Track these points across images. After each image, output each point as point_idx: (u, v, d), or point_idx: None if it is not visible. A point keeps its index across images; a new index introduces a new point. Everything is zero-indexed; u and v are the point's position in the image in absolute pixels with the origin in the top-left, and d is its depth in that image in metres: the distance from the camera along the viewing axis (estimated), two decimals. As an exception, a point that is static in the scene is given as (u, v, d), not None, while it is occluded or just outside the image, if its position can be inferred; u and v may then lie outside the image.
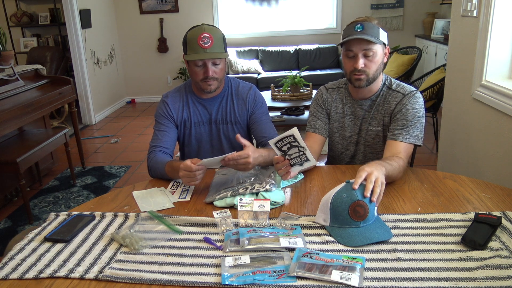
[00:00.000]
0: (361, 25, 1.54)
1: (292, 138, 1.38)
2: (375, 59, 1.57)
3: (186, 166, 1.42)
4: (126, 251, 1.16)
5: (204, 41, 1.64)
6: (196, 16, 6.27)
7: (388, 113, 1.65)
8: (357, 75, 1.58)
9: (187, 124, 1.84)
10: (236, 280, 1.00)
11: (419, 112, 1.59)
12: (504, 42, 2.09)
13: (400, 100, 1.62)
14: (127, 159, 4.16)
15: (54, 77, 3.75)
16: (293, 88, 4.45)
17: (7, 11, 5.69)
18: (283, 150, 1.42)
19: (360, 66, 1.56)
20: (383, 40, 1.57)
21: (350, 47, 1.57)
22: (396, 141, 1.56)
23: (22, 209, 3.08)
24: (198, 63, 1.67)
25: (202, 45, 1.64)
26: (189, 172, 1.42)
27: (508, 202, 1.32)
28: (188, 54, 1.69)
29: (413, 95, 1.61)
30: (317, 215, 1.26)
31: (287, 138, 1.39)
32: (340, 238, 1.16)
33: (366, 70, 1.57)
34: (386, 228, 1.18)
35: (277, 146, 1.42)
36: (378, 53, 1.57)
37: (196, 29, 1.68)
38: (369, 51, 1.55)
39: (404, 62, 4.74)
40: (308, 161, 1.42)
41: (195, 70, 1.69)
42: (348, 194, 1.19)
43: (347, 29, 1.58)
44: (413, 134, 1.57)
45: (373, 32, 1.54)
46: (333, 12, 6.26)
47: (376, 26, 1.56)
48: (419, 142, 1.58)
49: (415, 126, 1.57)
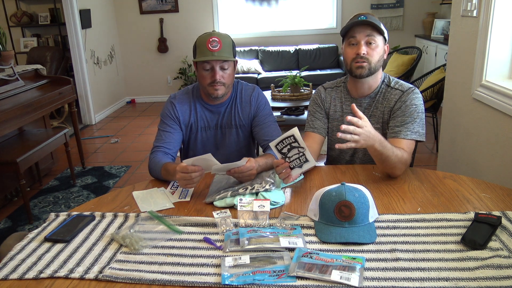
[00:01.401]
0: (365, 16, 1.58)
1: (292, 138, 1.38)
2: (377, 48, 1.59)
3: (182, 167, 1.40)
4: (126, 251, 1.16)
5: (212, 45, 1.65)
6: (196, 16, 6.27)
7: (387, 111, 1.65)
8: (359, 62, 1.59)
9: (194, 129, 1.84)
10: (236, 280, 1.00)
11: (419, 108, 1.60)
12: (504, 42, 2.09)
13: (399, 97, 1.63)
14: (127, 159, 4.16)
15: (54, 77, 3.75)
16: (293, 88, 4.45)
17: (7, 11, 5.69)
18: (283, 152, 1.42)
19: (363, 52, 1.57)
20: (384, 32, 1.60)
21: (353, 33, 1.59)
22: (397, 139, 1.56)
23: (22, 209, 3.08)
24: (206, 67, 1.68)
25: (210, 48, 1.65)
26: (185, 173, 1.40)
27: (508, 202, 1.32)
28: (197, 57, 1.69)
29: (412, 92, 1.62)
30: (309, 210, 1.28)
31: (288, 139, 1.39)
32: (319, 233, 1.18)
33: (369, 58, 1.58)
34: (372, 233, 1.16)
35: (278, 149, 1.43)
36: (379, 45, 1.60)
37: (206, 34, 1.69)
38: (372, 39, 1.57)
39: (404, 62, 4.73)
40: (307, 162, 1.42)
41: (203, 74, 1.69)
42: (337, 193, 1.20)
43: (351, 20, 1.62)
44: (413, 130, 1.57)
45: (375, 22, 1.58)
46: (333, 12, 6.26)
47: (378, 20, 1.60)
48: (421, 137, 1.58)
49: (415, 121, 1.58)
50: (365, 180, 1.52)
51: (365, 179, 1.53)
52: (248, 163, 1.45)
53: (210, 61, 1.66)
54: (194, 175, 1.40)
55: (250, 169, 1.45)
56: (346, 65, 1.66)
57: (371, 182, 1.50)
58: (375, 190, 1.42)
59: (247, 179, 1.48)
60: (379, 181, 1.52)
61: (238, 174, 1.45)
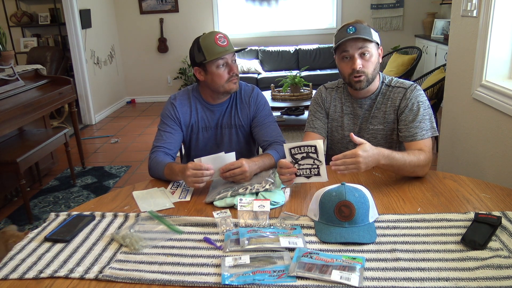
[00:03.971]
0: (353, 27, 1.56)
1: (313, 149, 1.36)
2: (371, 59, 1.58)
3: (195, 164, 1.41)
4: (126, 251, 1.16)
5: (221, 41, 1.66)
6: (196, 16, 6.27)
7: (392, 110, 1.65)
8: (356, 77, 1.59)
9: (195, 129, 1.84)
10: (236, 280, 1.00)
11: (425, 104, 1.61)
12: (504, 42, 2.08)
13: (403, 95, 1.63)
14: (127, 159, 4.16)
15: (54, 77, 3.75)
16: (293, 88, 4.45)
17: (7, 11, 5.69)
18: (295, 157, 1.40)
19: (358, 66, 1.56)
20: (376, 39, 1.59)
21: (345, 48, 1.58)
22: (415, 142, 1.57)
23: (22, 209, 3.08)
24: (220, 64, 1.68)
25: (221, 45, 1.66)
26: (197, 170, 1.41)
27: (508, 202, 1.32)
28: (209, 57, 1.67)
29: (415, 88, 1.63)
30: (309, 209, 1.28)
31: (307, 148, 1.37)
32: (319, 233, 1.18)
33: (365, 71, 1.58)
34: (372, 233, 1.17)
35: (291, 152, 1.40)
36: (373, 53, 1.59)
37: (208, 34, 1.69)
38: (365, 50, 1.56)
39: (404, 62, 4.73)
40: (318, 176, 1.41)
41: (219, 72, 1.69)
42: (337, 193, 1.20)
43: (339, 33, 1.60)
44: (427, 128, 1.58)
45: (365, 32, 1.56)
46: (333, 12, 6.26)
47: (367, 27, 1.58)
48: (435, 132, 1.59)
49: (425, 119, 1.58)
50: (365, 180, 1.53)
51: (365, 179, 1.54)
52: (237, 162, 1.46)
53: (224, 57, 1.66)
54: (205, 173, 1.41)
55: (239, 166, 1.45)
56: (344, 78, 1.66)
57: (371, 182, 1.50)
58: (375, 190, 1.42)
59: (241, 179, 1.48)
60: (379, 181, 1.52)
61: (233, 177, 1.46)
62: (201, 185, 1.44)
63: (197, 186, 1.45)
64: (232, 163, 1.46)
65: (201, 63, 1.69)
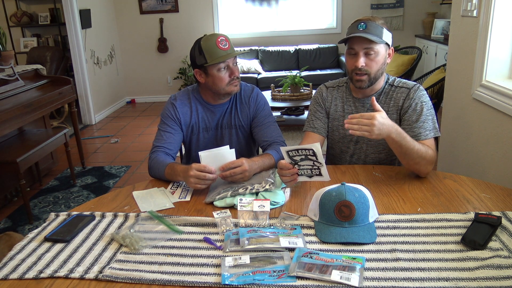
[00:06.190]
0: (364, 24, 1.55)
1: (311, 152, 1.36)
2: (376, 58, 1.57)
3: (199, 165, 1.42)
4: (126, 251, 1.16)
5: (222, 44, 1.66)
6: (196, 16, 6.27)
7: (395, 110, 1.65)
8: (358, 75, 1.59)
9: (195, 130, 1.84)
10: (236, 280, 1.00)
11: (428, 104, 1.61)
12: (504, 42, 2.08)
13: (407, 95, 1.63)
14: (127, 159, 4.16)
15: (54, 77, 3.75)
16: (293, 88, 4.45)
17: (7, 11, 5.69)
18: (294, 159, 1.40)
19: (361, 64, 1.56)
20: (386, 40, 1.57)
21: (352, 45, 1.58)
22: (419, 141, 1.56)
23: (22, 209, 3.08)
24: (221, 67, 1.67)
25: (222, 48, 1.66)
26: (200, 172, 1.41)
27: (508, 202, 1.32)
28: (210, 61, 1.67)
29: (418, 88, 1.64)
30: (309, 210, 1.28)
31: (305, 151, 1.36)
32: (319, 233, 1.18)
33: (368, 70, 1.58)
34: (372, 233, 1.17)
35: (289, 155, 1.40)
36: (380, 53, 1.58)
37: (209, 36, 1.69)
38: (370, 50, 1.56)
39: (404, 62, 4.74)
40: (320, 176, 1.41)
41: (220, 75, 1.69)
42: (337, 193, 1.20)
43: (350, 27, 1.60)
44: (430, 128, 1.58)
45: (375, 31, 1.55)
46: (333, 12, 6.26)
47: (380, 26, 1.56)
48: (438, 133, 1.60)
49: (428, 119, 1.59)
50: (365, 180, 1.53)
51: (365, 179, 1.54)
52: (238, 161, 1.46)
53: (225, 60, 1.66)
54: (208, 176, 1.42)
55: (239, 165, 1.46)
56: (348, 72, 1.66)
57: (371, 182, 1.50)
58: (375, 190, 1.42)
59: (241, 179, 1.48)
60: (379, 181, 1.52)
61: (233, 176, 1.46)
62: (204, 187, 1.45)
63: (198, 187, 1.46)
64: (233, 162, 1.47)
65: (202, 65, 1.69)
